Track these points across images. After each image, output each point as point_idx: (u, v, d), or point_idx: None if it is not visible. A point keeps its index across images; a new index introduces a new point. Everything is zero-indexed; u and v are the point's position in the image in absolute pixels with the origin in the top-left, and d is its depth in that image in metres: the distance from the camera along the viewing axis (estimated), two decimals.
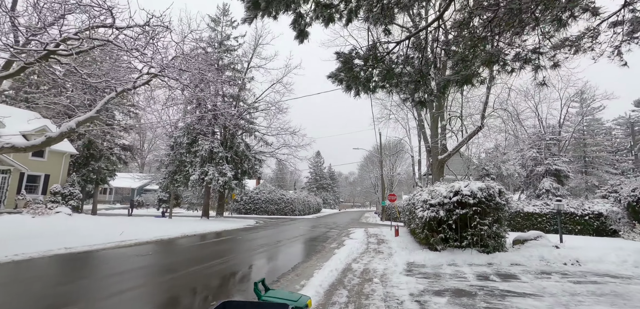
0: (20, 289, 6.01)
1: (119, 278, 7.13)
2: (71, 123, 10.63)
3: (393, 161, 55.51)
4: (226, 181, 22.64)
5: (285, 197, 43.93)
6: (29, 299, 5.43)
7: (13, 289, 6.00)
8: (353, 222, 31.59)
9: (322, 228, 22.69)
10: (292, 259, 9.81)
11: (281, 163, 34.77)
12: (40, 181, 23.97)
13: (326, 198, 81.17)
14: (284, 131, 29.28)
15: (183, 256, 10.22)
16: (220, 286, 6.74)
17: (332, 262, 8.86)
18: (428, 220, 9.71)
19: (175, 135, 24.46)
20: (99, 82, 10.24)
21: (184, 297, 5.95)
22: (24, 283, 6.44)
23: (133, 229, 15.11)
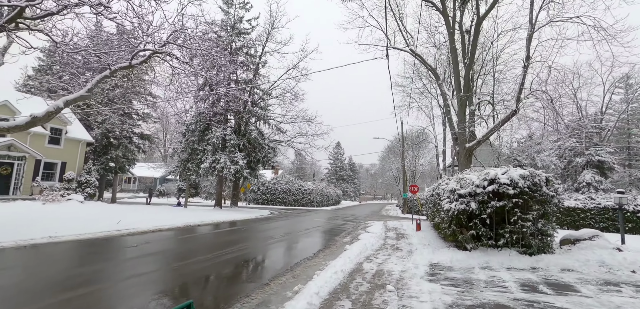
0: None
1: (79, 271, 6.14)
2: (58, 102, 9.80)
3: (416, 152, 53.14)
4: (238, 169, 21.70)
5: (302, 188, 42.90)
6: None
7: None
8: (372, 215, 30.05)
9: (338, 221, 21.37)
10: (294, 256, 8.55)
11: (299, 153, 33.61)
12: (56, 169, 24.04)
13: (346, 189, 79.70)
14: (299, 119, 28.04)
15: (171, 249, 9.19)
16: (183, 295, 5.56)
17: (339, 261, 7.51)
18: (456, 213, 8.13)
19: (187, 122, 23.77)
20: (77, 51, 9.23)
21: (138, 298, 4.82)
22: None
23: (137, 217, 14.39)
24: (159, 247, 9.00)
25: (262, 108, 25.71)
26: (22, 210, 14.97)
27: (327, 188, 52.69)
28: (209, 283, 5.92)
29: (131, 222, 12.39)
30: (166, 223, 13.48)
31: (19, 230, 9.47)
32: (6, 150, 20.14)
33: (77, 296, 4.84)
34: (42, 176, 22.93)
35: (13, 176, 20.67)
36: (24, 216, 12.63)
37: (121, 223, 11.80)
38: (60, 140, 24.30)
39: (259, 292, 5.19)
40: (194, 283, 5.72)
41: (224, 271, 6.66)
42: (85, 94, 10.33)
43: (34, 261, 6.98)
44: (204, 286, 5.64)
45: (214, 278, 6.19)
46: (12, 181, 20.61)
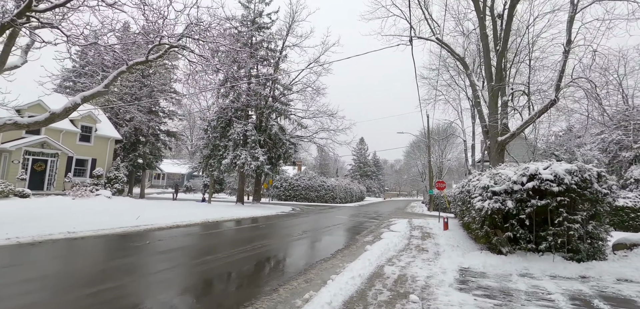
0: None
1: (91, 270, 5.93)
2: (76, 98, 9.82)
3: (442, 147, 51.26)
4: (258, 165, 21.52)
5: (325, 184, 42.42)
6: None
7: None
8: (397, 212, 29.06)
9: (360, 218, 20.69)
10: (311, 257, 8.03)
11: (321, 149, 33.11)
12: (87, 165, 24.96)
13: (370, 186, 78.49)
14: (321, 113, 27.50)
15: (181, 248, 8.95)
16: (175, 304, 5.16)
17: (358, 263, 6.90)
18: (490, 212, 7.27)
19: (208, 118, 23.89)
20: (88, 45, 9.14)
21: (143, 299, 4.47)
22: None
23: (157, 213, 14.46)
24: (169, 245, 8.77)
25: (282, 103, 25.40)
26: (50, 205, 15.49)
27: (351, 184, 51.93)
28: (211, 288, 5.51)
29: (150, 218, 12.38)
30: (185, 219, 13.39)
31: (40, 224, 9.59)
32: (40, 148, 21.05)
33: (84, 296, 4.57)
34: (74, 173, 23.87)
35: (47, 172, 21.61)
36: (49, 211, 12.96)
37: (140, 219, 11.79)
38: (90, 138, 25.18)
39: (265, 300, 4.70)
40: (192, 288, 5.32)
41: (232, 274, 6.24)
42: (102, 89, 10.30)
43: (45, 256, 6.89)
44: (204, 293, 5.23)
45: (218, 282, 5.79)
46: (46, 177, 21.55)
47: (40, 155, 21.14)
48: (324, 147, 31.49)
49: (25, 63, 10.57)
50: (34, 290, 4.82)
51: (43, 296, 4.65)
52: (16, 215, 11.35)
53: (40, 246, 7.65)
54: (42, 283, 5.22)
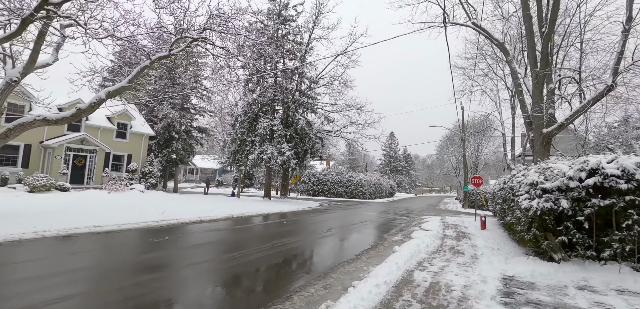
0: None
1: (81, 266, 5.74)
2: (100, 94, 9.89)
3: (478, 141, 48.51)
4: (285, 160, 21.23)
5: (354, 179, 41.61)
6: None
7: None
8: (428, 209, 27.74)
9: (390, 214, 19.81)
10: (333, 258, 7.46)
11: (350, 144, 32.32)
12: (123, 161, 26.01)
13: (401, 181, 76.49)
14: (349, 107, 26.74)
15: (197, 245, 8.71)
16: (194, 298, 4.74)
17: (384, 267, 6.23)
18: (540, 213, 6.29)
19: (235, 113, 23.96)
20: (105, 37, 9.04)
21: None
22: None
23: (184, 208, 14.55)
24: (186, 242, 8.56)
25: (309, 97, 24.95)
26: (86, 199, 16.11)
27: (380, 179, 50.68)
28: (217, 292, 5.09)
29: (176, 213, 12.39)
30: (209, 214, 13.32)
31: (69, 218, 9.79)
32: (80, 144, 22.12)
33: (76, 294, 4.32)
34: (111, 168, 24.95)
35: (87, 167, 22.71)
36: (83, 205, 13.39)
37: (165, 214, 11.81)
38: (126, 134, 26.20)
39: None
40: (196, 293, 4.93)
41: (243, 276, 5.81)
42: (126, 85, 10.32)
43: (62, 252, 6.86)
44: (210, 298, 4.82)
45: (227, 285, 5.37)
46: (86, 172, 22.65)
47: (80, 151, 22.23)
48: (352, 141, 30.73)
49: (57, 61, 10.81)
50: (34, 290, 4.65)
51: (42, 296, 4.45)
52: (51, 208, 11.77)
53: (63, 240, 7.69)
54: (48, 281, 5.07)
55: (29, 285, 4.73)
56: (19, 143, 20.46)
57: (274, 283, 5.48)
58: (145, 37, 10.83)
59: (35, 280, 4.95)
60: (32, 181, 16.78)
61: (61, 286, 4.75)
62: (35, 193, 16.64)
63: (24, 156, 20.68)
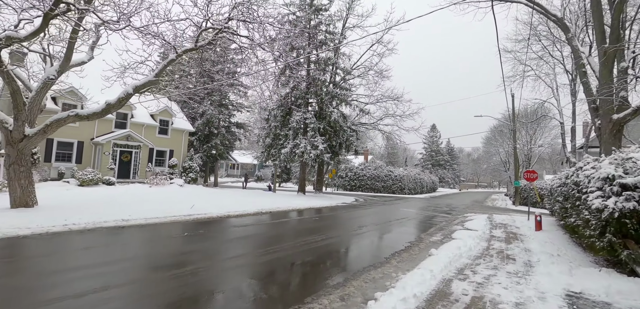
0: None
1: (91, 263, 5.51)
2: (128, 88, 9.96)
3: (531, 132, 44.44)
4: (318, 154, 20.67)
5: (393, 174, 40.08)
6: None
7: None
8: (474, 205, 25.69)
9: (429, 211, 18.46)
10: (358, 261, 6.68)
11: (389, 137, 30.96)
12: (166, 156, 27.16)
13: (443, 176, 72.84)
14: (385, 98, 25.48)
15: (216, 241, 8.37)
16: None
17: (416, 274, 5.35)
18: (619, 215, 5.00)
19: (269, 107, 23.84)
20: (124, 28, 8.96)
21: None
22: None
23: (215, 202, 14.55)
24: (205, 238, 8.25)
25: (343, 88, 24.09)
26: (127, 192, 16.83)
27: (421, 174, 48.43)
28: (217, 298, 4.57)
29: (204, 207, 12.33)
30: (239, 209, 13.14)
31: (101, 211, 10.01)
32: (125, 140, 23.36)
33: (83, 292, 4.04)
34: (155, 163, 26.17)
35: (132, 162, 23.96)
36: (123, 198, 13.88)
37: (194, 208, 11.78)
38: (167, 131, 27.31)
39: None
40: (198, 297, 4.44)
41: (253, 280, 5.26)
42: (153, 79, 10.32)
43: (76, 246, 6.82)
44: (207, 304, 4.30)
45: (233, 289, 4.84)
46: (131, 167, 23.92)
47: (125, 147, 23.49)
48: (389, 134, 29.37)
49: (92, 59, 11.11)
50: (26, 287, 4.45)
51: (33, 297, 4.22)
52: (91, 201, 12.27)
53: (86, 233, 7.74)
54: (45, 280, 4.89)
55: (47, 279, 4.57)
56: (72, 140, 22.06)
57: (286, 290, 4.86)
58: (172, 31, 10.72)
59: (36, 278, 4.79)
60: (81, 176, 17.91)
61: (53, 287, 4.53)
62: (84, 186, 17.75)
63: (77, 153, 22.25)
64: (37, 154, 19.46)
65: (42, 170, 19.45)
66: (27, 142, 9.39)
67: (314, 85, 22.39)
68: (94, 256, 6.10)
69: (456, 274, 5.73)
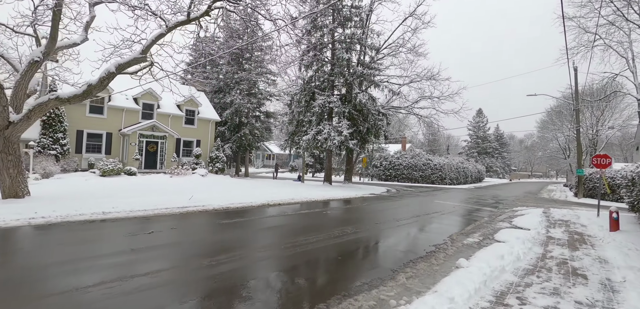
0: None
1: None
2: (109, 66, 8.97)
3: (598, 112, 38.70)
4: (342, 140, 18.84)
5: (431, 163, 37.01)
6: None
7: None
8: (526, 197, 22.36)
9: (471, 204, 15.94)
10: (358, 272, 4.92)
11: (424, 121, 28.25)
12: (193, 146, 27.00)
13: (491, 165, 67.06)
14: (419, 78, 22.88)
15: (195, 242, 7.05)
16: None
17: (428, 303, 3.51)
18: None
19: (291, 92, 22.42)
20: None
21: None
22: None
23: (230, 192, 13.50)
24: (173, 235, 6.96)
25: (372, 68, 21.89)
26: (143, 182, 16.41)
27: (465, 163, 44.45)
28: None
29: (205, 199, 11.23)
30: (247, 200, 11.90)
31: (92, 203, 9.24)
32: (151, 131, 23.36)
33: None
34: (182, 153, 26.10)
35: (158, 153, 23.97)
36: (127, 188, 13.28)
37: (193, 200, 10.70)
38: (194, 121, 27.10)
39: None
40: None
41: (220, 297, 3.76)
42: (139, 56, 9.25)
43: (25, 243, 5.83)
44: None
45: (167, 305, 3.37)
46: (157, 157, 23.94)
47: (151, 137, 23.51)
48: (426, 118, 26.65)
49: (86, 40, 10.33)
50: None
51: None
52: (95, 192, 11.73)
53: (51, 228, 6.81)
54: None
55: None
56: (101, 132, 22.44)
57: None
58: (162, 3, 9.55)
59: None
60: (102, 166, 17.88)
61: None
62: (105, 176, 17.72)
63: (106, 144, 22.63)
64: (67, 145, 19.91)
65: (72, 161, 19.85)
66: (13, 128, 8.80)
67: (339, 66, 20.48)
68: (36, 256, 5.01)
69: (494, 303, 3.78)
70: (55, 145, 19.27)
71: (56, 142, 19.38)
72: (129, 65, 9.41)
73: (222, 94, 34.60)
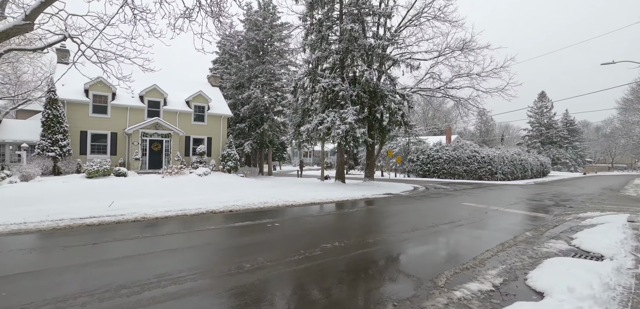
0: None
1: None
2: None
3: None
4: (347, 129, 15.46)
5: (478, 155, 31.65)
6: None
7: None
8: (602, 196, 16.91)
9: (520, 207, 11.67)
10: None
11: (461, 104, 23.55)
12: (204, 144, 25.44)
13: (559, 156, 57.62)
14: (450, 49, 18.57)
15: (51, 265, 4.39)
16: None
17: None
18: None
19: (295, 77, 19.54)
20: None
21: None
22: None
23: (198, 194, 11.05)
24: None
25: (388, 40, 18.06)
26: (120, 184, 14.77)
27: (523, 154, 37.74)
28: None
29: (134, 205, 8.84)
30: (219, 204, 9.42)
31: (38, 207, 7.29)
32: (154, 129, 22.13)
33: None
34: (192, 151, 24.66)
35: (163, 152, 22.70)
36: (93, 191, 11.48)
37: (114, 206, 8.35)
38: (203, 117, 25.54)
39: None
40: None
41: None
42: (20, 24, 7.00)
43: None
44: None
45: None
46: (162, 156, 22.67)
47: (155, 136, 22.29)
48: (464, 101, 22.05)
49: (4, 18, 8.46)
50: None
51: None
52: (51, 195, 10.01)
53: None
54: None
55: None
56: (106, 132, 21.67)
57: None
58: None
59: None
60: (87, 168, 16.72)
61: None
62: (91, 178, 16.53)
63: (111, 145, 21.83)
64: (68, 146, 19.26)
65: (73, 162, 19.19)
66: None
67: (347, 41, 17.05)
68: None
69: None
70: (54, 147, 18.66)
71: (55, 144, 18.76)
72: (8, 34, 7.25)
73: (242, 89, 32.95)
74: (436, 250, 5.92)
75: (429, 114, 65.03)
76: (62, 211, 7.73)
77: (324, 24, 17.91)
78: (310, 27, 18.31)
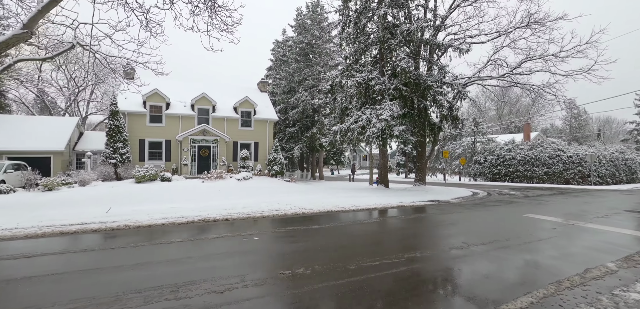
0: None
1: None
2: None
3: None
4: (383, 127, 13.60)
5: (563, 155, 26.47)
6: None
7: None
8: None
9: (612, 221, 8.67)
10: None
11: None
12: (251, 148, 25.69)
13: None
14: (512, 26, 15.50)
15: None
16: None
17: None
18: None
19: (332, 75, 18.25)
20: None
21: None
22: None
23: (241, 199, 10.62)
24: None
25: (432, 24, 15.68)
26: (162, 189, 15.19)
27: (627, 153, 30.54)
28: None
29: (155, 210, 8.50)
30: (246, 209, 8.66)
31: (62, 213, 7.62)
32: (202, 135, 22.90)
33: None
34: (239, 156, 25.04)
35: (211, 157, 23.38)
36: (137, 196, 11.85)
37: (111, 212, 8.08)
38: (250, 122, 25.79)
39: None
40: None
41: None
42: (19, 33, 7.09)
43: None
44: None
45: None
46: (210, 161, 23.35)
47: (203, 142, 23.06)
48: (540, 89, 18.34)
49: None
50: None
51: None
52: (86, 198, 10.54)
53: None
54: None
55: None
56: (161, 139, 23.12)
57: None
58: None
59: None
60: (134, 174, 17.71)
61: None
62: (139, 183, 17.46)
63: (166, 151, 23.22)
64: (127, 154, 20.92)
65: (131, 168, 20.76)
66: None
67: (382, 28, 15.21)
68: None
69: None
70: (115, 154, 20.41)
71: (116, 151, 20.51)
72: (8, 44, 7.43)
73: (292, 93, 32.82)
74: (429, 294, 4.12)
75: (503, 110, 57.81)
76: (54, 217, 7.69)
77: (362, 14, 16.36)
78: (346, 19, 16.92)
